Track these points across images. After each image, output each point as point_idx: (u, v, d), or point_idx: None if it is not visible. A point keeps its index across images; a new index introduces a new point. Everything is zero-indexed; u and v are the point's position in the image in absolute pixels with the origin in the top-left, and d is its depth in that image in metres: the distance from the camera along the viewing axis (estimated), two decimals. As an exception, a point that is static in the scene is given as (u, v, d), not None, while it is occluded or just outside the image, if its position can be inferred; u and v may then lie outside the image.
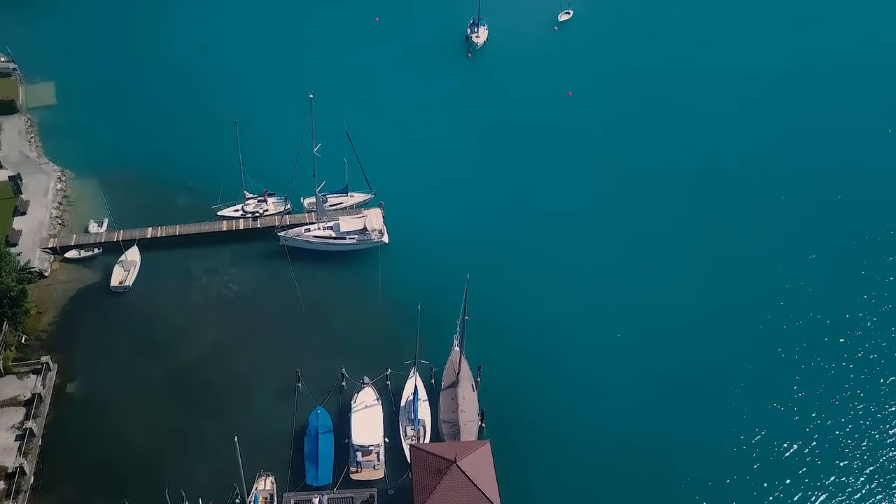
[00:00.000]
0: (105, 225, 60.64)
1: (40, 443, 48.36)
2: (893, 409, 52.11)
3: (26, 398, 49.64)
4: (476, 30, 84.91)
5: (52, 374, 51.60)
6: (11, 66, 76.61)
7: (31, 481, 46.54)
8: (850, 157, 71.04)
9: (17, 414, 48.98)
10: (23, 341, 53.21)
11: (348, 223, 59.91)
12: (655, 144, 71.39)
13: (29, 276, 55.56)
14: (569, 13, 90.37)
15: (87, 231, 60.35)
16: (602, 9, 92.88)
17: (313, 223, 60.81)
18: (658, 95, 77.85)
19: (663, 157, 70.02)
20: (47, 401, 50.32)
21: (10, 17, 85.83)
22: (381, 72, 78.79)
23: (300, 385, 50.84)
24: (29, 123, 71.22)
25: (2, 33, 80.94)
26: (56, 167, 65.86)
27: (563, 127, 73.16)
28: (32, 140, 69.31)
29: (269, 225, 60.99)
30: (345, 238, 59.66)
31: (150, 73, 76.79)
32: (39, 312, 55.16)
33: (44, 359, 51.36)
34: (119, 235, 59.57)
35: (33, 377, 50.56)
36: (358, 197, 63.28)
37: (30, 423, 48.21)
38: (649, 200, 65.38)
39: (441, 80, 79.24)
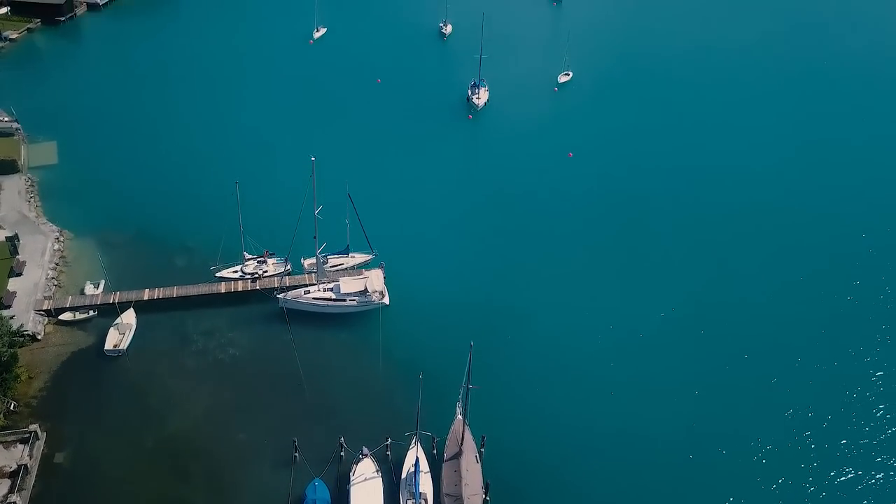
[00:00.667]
0: (102, 286, 59.64)
1: (24, 517, 46.25)
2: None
3: (12, 469, 47.67)
4: (477, 91, 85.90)
5: (41, 444, 49.72)
6: (15, 125, 77.02)
7: (13, 559, 44.26)
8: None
9: (2, 486, 46.96)
10: (11, 408, 51.52)
11: (349, 285, 58.97)
12: (658, 205, 71.14)
13: (21, 339, 54.21)
14: (568, 74, 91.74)
15: (83, 293, 59.31)
16: (601, 70, 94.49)
17: (313, 284, 59.88)
18: (659, 155, 78.19)
19: (667, 217, 69.64)
20: (34, 472, 48.31)
21: (15, 77, 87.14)
22: (382, 133, 79.25)
23: (297, 455, 49.00)
24: (29, 183, 71.02)
25: (6, 93, 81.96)
26: (55, 227, 65.26)
27: (566, 188, 73.02)
28: (32, 200, 68.94)
29: (269, 287, 60.04)
30: (345, 300, 58.62)
31: (152, 133, 77.29)
32: (30, 377, 53.61)
33: (32, 427, 49.57)
34: (115, 297, 58.51)
35: (20, 447, 48.69)
36: (359, 257, 62.52)
37: (14, 497, 46.14)
38: (653, 262, 64.66)
39: (443, 140, 79.66)
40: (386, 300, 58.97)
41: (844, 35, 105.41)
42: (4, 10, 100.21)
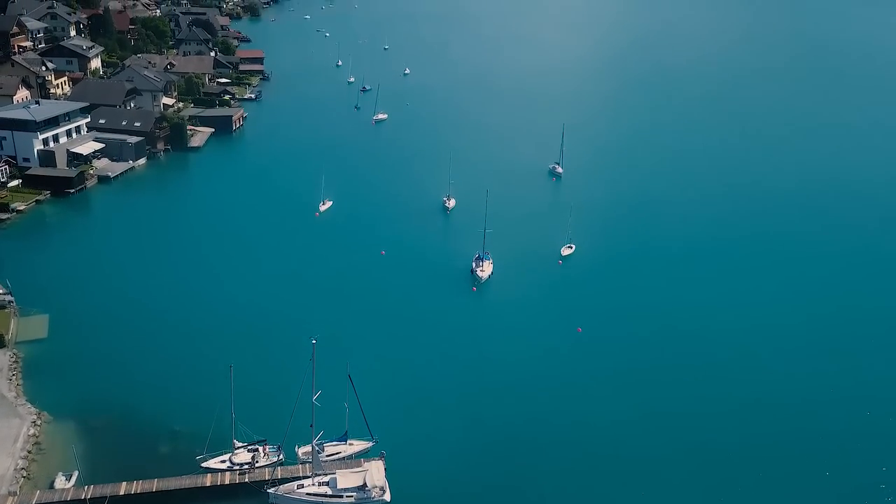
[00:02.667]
0: (74, 479, 54.35)
1: None
2: None
3: None
4: (481, 264, 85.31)
5: None
6: (8, 298, 75.09)
7: None
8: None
9: None
10: None
11: (346, 479, 53.76)
12: (673, 384, 67.53)
13: (-23, 543, 48.34)
14: (571, 247, 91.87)
15: (52, 487, 53.87)
16: (604, 243, 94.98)
17: (307, 477, 54.67)
18: (670, 331, 75.74)
19: (682, 399, 65.80)
20: None
21: (16, 248, 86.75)
22: (385, 307, 77.26)
23: None
24: (14, 359, 67.63)
25: (4, 264, 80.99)
26: (33, 409, 60.91)
27: (575, 366, 69.72)
28: (14, 378, 65.15)
29: (259, 479, 54.74)
30: (342, 496, 53.19)
31: (148, 307, 75.06)
32: (-20, 590, 47.11)
33: None
34: (88, 492, 52.94)
35: None
36: (358, 445, 57.79)
37: None
38: (668, 448, 59.92)
39: (447, 314, 77.55)
40: (387, 496, 53.52)
41: (858, 203, 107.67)
42: (16, 182, 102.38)
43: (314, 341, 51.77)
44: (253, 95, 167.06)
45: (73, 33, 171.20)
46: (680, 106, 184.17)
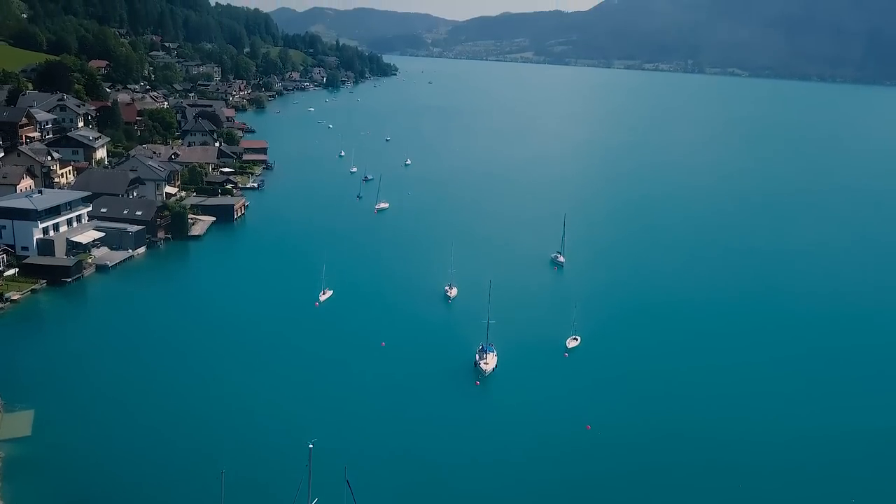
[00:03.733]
0: None
1: None
2: None
3: None
4: (485, 356, 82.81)
5: None
6: (-8, 393, 72.14)
7: None
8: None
9: None
10: None
11: None
12: (692, 493, 63.75)
13: None
14: (576, 339, 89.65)
15: None
16: (610, 334, 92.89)
17: None
18: (684, 429, 72.49)
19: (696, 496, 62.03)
20: None
21: (5, 339, 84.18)
22: (385, 405, 73.93)
23: None
24: (-7, 459, 64.08)
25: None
26: (9, 516, 57.14)
27: (584, 467, 66.05)
28: (-8, 480, 61.47)
29: None
30: None
31: (139, 405, 71.58)
32: None
33: None
34: None
35: None
36: (356, 557, 53.72)
37: None
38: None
39: (449, 410, 74.34)
40: None
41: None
42: (13, 271, 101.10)
43: (311, 445, 48.97)
44: (255, 184, 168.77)
45: (80, 124, 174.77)
46: (679, 193, 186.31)
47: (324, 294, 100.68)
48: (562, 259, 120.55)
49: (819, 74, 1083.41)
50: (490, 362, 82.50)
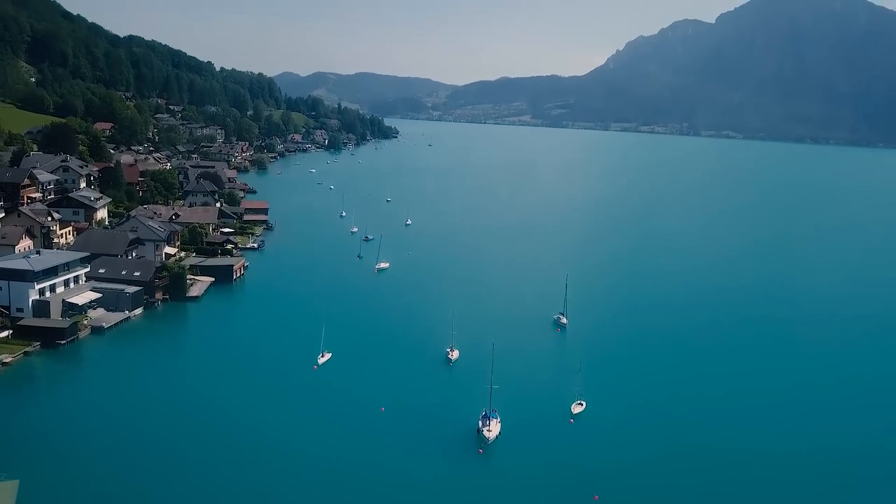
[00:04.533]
0: None
1: None
2: None
3: None
4: (488, 423, 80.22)
5: None
6: (-22, 461, 69.32)
7: None
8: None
9: None
10: None
11: None
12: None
13: None
14: (581, 404, 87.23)
15: None
16: (615, 398, 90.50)
17: None
18: (694, 498, 69.58)
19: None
20: None
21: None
22: (384, 476, 70.82)
23: None
24: (-27, 534, 61.12)
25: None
26: None
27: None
28: (-31, 557, 58.42)
29: None
30: None
31: (125, 478, 68.33)
32: None
33: None
34: None
35: None
36: None
37: None
38: None
39: (451, 479, 71.37)
40: None
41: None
42: (6, 333, 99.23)
43: (308, 518, 46.40)
44: (256, 245, 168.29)
45: (82, 185, 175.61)
46: (680, 250, 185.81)
47: (322, 357, 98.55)
48: (564, 320, 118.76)
49: (813, 137, 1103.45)
50: (493, 429, 79.86)
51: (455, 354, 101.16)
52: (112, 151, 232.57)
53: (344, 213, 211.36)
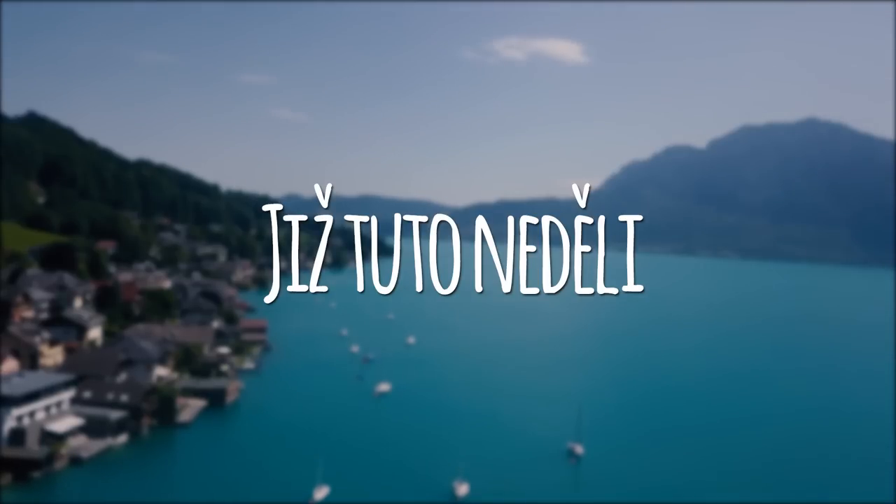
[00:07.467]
0: None
1: None
2: None
3: None
4: None
5: None
6: None
7: None
8: None
9: None
10: None
11: None
12: None
13: None
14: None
15: None
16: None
17: None
18: None
19: None
20: None
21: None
22: None
23: None
24: None
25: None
26: None
27: None
28: None
29: None
30: None
31: None
32: None
33: None
34: None
35: None
36: None
37: None
38: None
39: None
40: None
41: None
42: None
43: None
44: (252, 365, 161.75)
45: (77, 303, 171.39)
46: (694, 377, 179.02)
47: (319, 491, 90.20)
48: (579, 450, 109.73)
49: (808, 257, 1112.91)
50: None
51: (464, 489, 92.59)
52: (113, 270, 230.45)
53: (344, 332, 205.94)
